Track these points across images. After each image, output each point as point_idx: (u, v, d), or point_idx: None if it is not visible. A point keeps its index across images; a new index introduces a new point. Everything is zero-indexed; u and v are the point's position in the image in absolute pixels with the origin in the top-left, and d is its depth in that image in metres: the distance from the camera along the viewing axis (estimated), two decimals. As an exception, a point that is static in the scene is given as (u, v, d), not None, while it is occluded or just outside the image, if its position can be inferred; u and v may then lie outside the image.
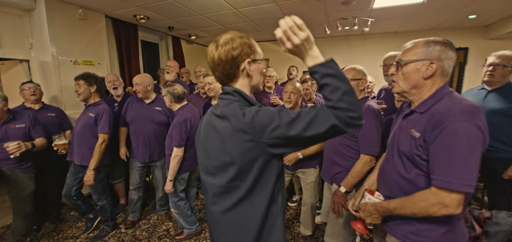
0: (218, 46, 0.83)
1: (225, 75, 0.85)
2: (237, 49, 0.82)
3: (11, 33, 2.69)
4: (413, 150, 0.94)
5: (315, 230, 2.35)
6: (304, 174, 2.13)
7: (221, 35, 0.84)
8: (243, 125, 0.75)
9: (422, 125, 0.93)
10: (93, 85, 2.30)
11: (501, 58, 1.78)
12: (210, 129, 0.86)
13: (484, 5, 3.24)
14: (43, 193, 2.58)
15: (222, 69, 0.84)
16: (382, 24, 4.16)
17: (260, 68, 0.89)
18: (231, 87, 0.86)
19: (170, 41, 4.99)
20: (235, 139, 0.77)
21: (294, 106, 2.08)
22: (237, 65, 0.83)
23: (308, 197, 2.17)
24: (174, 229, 2.59)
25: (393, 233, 1.06)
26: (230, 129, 0.78)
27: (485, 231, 1.30)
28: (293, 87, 2.06)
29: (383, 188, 1.14)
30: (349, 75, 1.61)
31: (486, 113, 1.82)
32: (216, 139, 0.82)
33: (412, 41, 1.01)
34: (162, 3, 3.08)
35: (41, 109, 2.50)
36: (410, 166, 0.97)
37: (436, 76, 0.95)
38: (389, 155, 1.12)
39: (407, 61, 0.99)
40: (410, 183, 0.98)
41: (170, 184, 2.15)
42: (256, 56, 0.87)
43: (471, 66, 4.49)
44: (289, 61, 5.56)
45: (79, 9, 3.06)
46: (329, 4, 3.21)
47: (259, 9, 3.40)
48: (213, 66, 0.85)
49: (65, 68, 2.94)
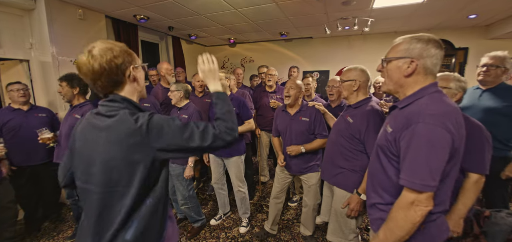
0: (95, 57, 0.81)
1: (111, 84, 0.86)
2: (120, 58, 0.85)
3: (11, 33, 2.69)
4: (384, 142, 0.99)
5: (315, 230, 2.36)
6: (306, 177, 2.13)
7: (93, 46, 0.83)
8: (135, 129, 0.81)
9: (396, 121, 0.96)
10: (76, 88, 2.24)
11: (494, 59, 1.83)
12: (92, 135, 0.85)
13: (484, 5, 3.24)
14: (42, 193, 2.59)
15: (106, 78, 0.84)
16: (382, 24, 4.16)
17: (142, 74, 0.95)
18: (118, 95, 0.87)
19: (170, 41, 5.00)
20: (124, 143, 0.80)
21: (294, 103, 2.08)
22: (123, 72, 0.86)
23: (309, 200, 2.16)
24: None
25: (372, 227, 1.11)
26: (121, 133, 0.81)
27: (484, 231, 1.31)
28: (293, 83, 2.07)
29: (369, 185, 1.18)
30: (344, 76, 1.64)
31: (481, 112, 1.84)
32: (103, 144, 0.82)
33: (402, 37, 1.02)
34: (162, 3, 3.09)
35: (31, 111, 2.44)
36: (382, 156, 1.02)
37: (418, 75, 0.95)
38: (373, 152, 1.16)
39: (389, 59, 1.01)
40: (384, 174, 1.02)
41: (190, 169, 2.29)
42: (137, 62, 0.92)
43: (471, 66, 4.50)
44: (290, 61, 5.57)
45: (79, 9, 3.07)
46: (329, 4, 3.21)
47: (259, 9, 3.41)
48: (93, 77, 0.83)
49: (65, 68, 2.94)
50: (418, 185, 0.85)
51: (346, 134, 1.60)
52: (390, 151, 0.96)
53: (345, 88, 1.64)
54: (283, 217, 2.77)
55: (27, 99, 2.42)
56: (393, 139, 0.94)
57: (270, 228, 2.40)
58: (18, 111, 2.36)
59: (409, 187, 0.87)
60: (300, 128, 2.04)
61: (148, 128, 0.81)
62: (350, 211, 1.54)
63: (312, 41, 5.46)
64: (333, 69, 5.37)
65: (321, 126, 2.02)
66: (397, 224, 0.90)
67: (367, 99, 1.61)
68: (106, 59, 0.82)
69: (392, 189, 1.00)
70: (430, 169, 0.84)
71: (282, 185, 2.26)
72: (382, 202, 1.04)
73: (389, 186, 1.00)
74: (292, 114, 2.10)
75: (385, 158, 1.00)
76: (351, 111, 1.63)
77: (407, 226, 0.88)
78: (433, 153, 0.83)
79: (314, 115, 2.02)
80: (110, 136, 0.81)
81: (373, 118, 1.49)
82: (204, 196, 3.35)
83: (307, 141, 2.03)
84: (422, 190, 0.85)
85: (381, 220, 1.04)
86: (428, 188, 0.84)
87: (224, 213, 2.76)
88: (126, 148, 0.80)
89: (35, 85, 2.91)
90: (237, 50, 6.24)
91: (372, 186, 1.12)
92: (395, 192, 0.99)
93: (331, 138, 1.76)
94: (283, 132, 2.16)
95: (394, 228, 0.91)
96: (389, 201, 1.01)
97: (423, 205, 0.86)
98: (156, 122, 0.83)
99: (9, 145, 2.14)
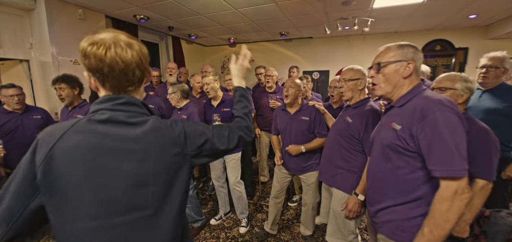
0: (130, 46, 0.67)
1: (130, 81, 0.69)
2: (145, 54, 0.73)
3: (11, 33, 2.69)
4: (395, 141, 0.99)
5: (315, 230, 2.36)
6: (305, 176, 2.13)
7: (117, 34, 0.67)
8: (174, 137, 0.71)
9: (402, 118, 0.98)
10: (76, 88, 2.24)
11: (493, 60, 1.82)
12: (113, 150, 0.64)
13: (484, 5, 3.24)
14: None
15: (132, 72, 0.68)
16: (382, 24, 4.16)
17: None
18: (133, 98, 0.71)
19: (170, 41, 5.00)
20: (168, 154, 0.70)
21: (293, 102, 2.08)
22: (145, 69, 0.73)
23: (309, 198, 2.16)
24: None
25: (381, 230, 1.09)
26: (163, 143, 0.69)
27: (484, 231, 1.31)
28: (291, 82, 2.07)
29: (371, 187, 1.17)
30: (346, 76, 1.62)
31: (482, 113, 1.83)
32: (138, 159, 0.65)
33: (384, 45, 1.09)
34: (162, 3, 3.09)
35: (26, 113, 2.39)
36: (393, 156, 1.02)
37: (413, 75, 1.04)
38: (374, 153, 1.15)
39: (387, 63, 1.05)
40: (393, 173, 1.02)
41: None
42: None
43: (471, 66, 4.49)
44: (290, 61, 5.56)
45: (79, 9, 3.07)
46: (329, 4, 3.21)
47: (259, 9, 3.40)
48: (124, 67, 0.65)
49: (65, 68, 2.94)
50: (456, 171, 0.85)
51: (345, 133, 1.60)
52: (406, 148, 0.96)
53: (349, 87, 1.61)
54: (283, 217, 2.77)
55: (22, 105, 2.36)
56: (408, 135, 0.95)
57: (270, 228, 2.40)
58: (13, 114, 2.30)
59: (448, 176, 0.86)
60: (300, 127, 2.04)
61: (186, 134, 0.74)
62: (349, 212, 1.53)
63: (312, 41, 5.46)
64: (333, 69, 5.37)
65: (321, 125, 2.02)
66: (443, 216, 0.86)
67: (366, 99, 1.61)
68: (138, 50, 0.69)
69: (405, 188, 0.99)
70: (460, 153, 0.85)
71: (281, 185, 2.26)
72: (392, 203, 1.03)
73: (401, 185, 1.00)
74: (292, 114, 2.10)
75: (398, 157, 0.99)
76: (350, 111, 1.63)
77: (454, 217, 0.86)
78: (458, 137, 0.86)
79: (314, 114, 2.02)
80: (149, 147, 0.66)
81: (372, 118, 1.50)
82: (204, 196, 3.35)
83: (306, 140, 2.04)
84: (461, 175, 0.85)
85: (391, 222, 1.03)
86: (465, 172, 0.85)
87: (225, 212, 2.76)
88: (169, 158, 0.69)
89: (35, 85, 2.91)
90: (237, 50, 6.21)
91: (378, 188, 1.10)
92: (407, 191, 0.98)
93: (330, 138, 1.75)
94: (282, 131, 2.16)
95: (440, 222, 0.87)
96: (401, 201, 1.00)
97: (466, 192, 0.86)
98: (191, 127, 0.77)
99: (6, 147, 2.11)
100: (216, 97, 2.42)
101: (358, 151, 1.57)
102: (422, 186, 0.96)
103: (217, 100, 2.43)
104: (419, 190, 0.96)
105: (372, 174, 1.17)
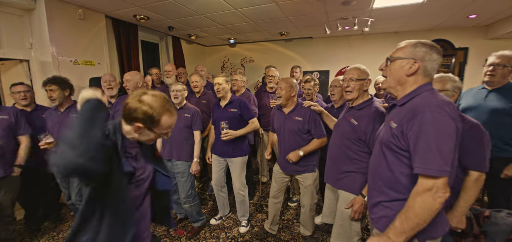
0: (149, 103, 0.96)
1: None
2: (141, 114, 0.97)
3: (11, 33, 2.69)
4: (390, 138, 1.02)
5: (315, 230, 2.36)
6: (302, 177, 2.11)
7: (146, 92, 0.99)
8: None
9: (400, 116, 1.00)
10: (67, 90, 2.29)
11: (501, 58, 1.78)
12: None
13: (484, 5, 3.24)
14: (43, 193, 2.59)
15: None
16: (382, 24, 4.16)
17: (143, 135, 1.05)
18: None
19: (170, 41, 5.00)
20: None
21: (286, 102, 2.06)
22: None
23: (306, 200, 2.15)
24: (173, 229, 2.59)
25: (376, 225, 1.11)
26: None
27: (484, 231, 1.31)
28: (282, 82, 2.03)
29: (370, 183, 1.19)
30: (353, 75, 1.57)
31: (487, 113, 1.81)
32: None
33: (406, 40, 1.08)
34: (162, 3, 3.08)
35: (35, 111, 2.45)
36: (388, 154, 1.03)
37: (418, 75, 1.03)
38: (374, 150, 1.17)
39: (394, 58, 1.07)
40: (388, 170, 1.03)
41: (196, 163, 2.35)
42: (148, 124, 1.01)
43: (471, 66, 4.48)
44: (290, 61, 5.57)
45: (79, 9, 3.07)
46: (329, 4, 3.21)
47: (259, 9, 3.40)
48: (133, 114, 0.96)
49: (65, 68, 2.94)
50: (433, 170, 0.86)
51: (352, 136, 1.56)
52: (398, 146, 0.98)
53: (356, 87, 1.56)
54: (283, 217, 2.77)
55: (29, 101, 2.42)
56: (400, 132, 0.97)
57: (270, 227, 2.40)
58: (23, 113, 2.35)
59: (425, 174, 0.88)
60: (293, 126, 2.02)
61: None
62: (354, 213, 1.53)
63: (312, 41, 5.46)
64: (333, 69, 5.37)
65: (317, 126, 1.99)
66: (414, 211, 0.90)
67: (370, 100, 1.58)
68: (142, 109, 0.95)
69: (398, 185, 1.01)
70: (441, 154, 0.86)
71: (279, 185, 2.25)
72: (387, 199, 1.05)
73: (395, 182, 1.01)
74: (286, 113, 2.09)
75: (392, 154, 1.02)
76: (355, 112, 1.59)
77: (424, 213, 0.88)
78: (443, 138, 0.87)
79: (309, 115, 1.99)
80: None
81: (379, 120, 1.46)
82: (204, 196, 3.35)
83: (300, 140, 2.02)
84: (438, 175, 0.86)
85: (385, 218, 1.05)
86: (443, 173, 0.86)
87: (224, 214, 2.76)
88: None
89: (35, 85, 2.90)
90: (237, 50, 6.23)
91: (375, 184, 1.12)
92: (400, 188, 1.00)
93: (334, 141, 1.71)
94: (278, 130, 2.16)
95: (411, 215, 0.91)
96: (394, 198, 1.02)
97: (441, 191, 0.87)
98: None
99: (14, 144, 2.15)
100: (225, 98, 2.42)
101: (365, 153, 1.54)
102: (415, 184, 0.96)
103: (225, 100, 2.42)
104: (411, 188, 0.97)
105: (371, 170, 1.18)
